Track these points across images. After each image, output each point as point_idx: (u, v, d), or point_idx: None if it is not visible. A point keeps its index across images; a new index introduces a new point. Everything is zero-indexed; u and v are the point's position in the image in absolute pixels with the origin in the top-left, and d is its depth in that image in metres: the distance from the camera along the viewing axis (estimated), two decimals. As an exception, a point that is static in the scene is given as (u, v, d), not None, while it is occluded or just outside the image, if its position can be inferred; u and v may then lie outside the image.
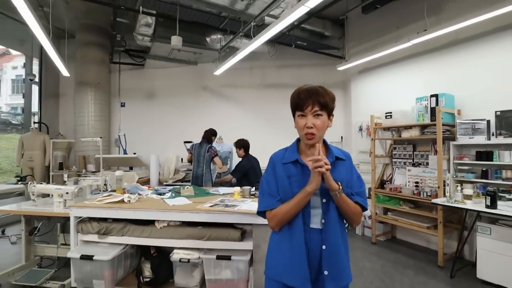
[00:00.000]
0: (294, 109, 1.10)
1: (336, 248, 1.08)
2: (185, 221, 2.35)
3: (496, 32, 2.99)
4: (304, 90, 1.07)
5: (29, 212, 2.68)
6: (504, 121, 2.82)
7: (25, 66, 6.65)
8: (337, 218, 1.09)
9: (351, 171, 1.15)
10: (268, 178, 1.14)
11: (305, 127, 1.05)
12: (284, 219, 1.08)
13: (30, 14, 2.79)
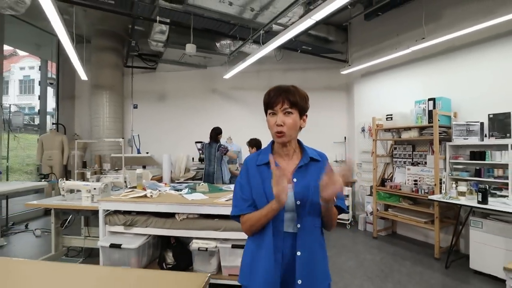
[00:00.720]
0: (265, 108, 1.08)
1: (312, 255, 1.02)
2: (203, 213, 2.61)
3: (490, 40, 3.20)
4: (274, 89, 1.06)
5: (61, 206, 2.95)
6: (496, 123, 3.03)
7: (41, 69, 6.95)
8: (314, 222, 1.04)
9: None
10: (242, 182, 1.10)
11: (275, 125, 1.02)
12: (255, 226, 1.03)
13: (61, 24, 3.05)
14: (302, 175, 1.04)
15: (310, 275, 1.00)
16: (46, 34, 5.96)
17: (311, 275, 1.01)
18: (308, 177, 1.03)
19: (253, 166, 1.08)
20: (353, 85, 5.05)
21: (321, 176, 0.94)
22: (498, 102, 3.09)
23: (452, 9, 3.54)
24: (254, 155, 1.13)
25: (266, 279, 0.99)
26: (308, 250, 1.01)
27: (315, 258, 1.03)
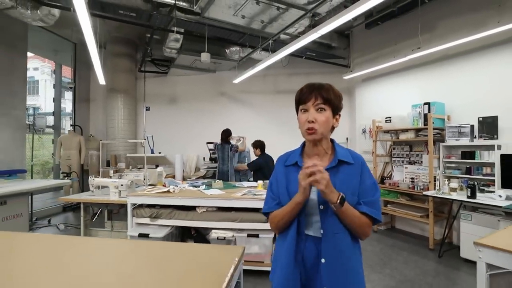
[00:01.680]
0: (297, 105, 1.05)
1: (340, 263, 0.96)
2: (221, 206, 2.93)
3: (480, 50, 3.50)
4: (307, 85, 1.03)
5: (92, 200, 3.28)
6: (485, 126, 3.34)
7: (55, 73, 7.29)
8: (341, 228, 0.97)
9: (361, 177, 1.01)
10: (272, 181, 1.12)
11: (306, 121, 0.99)
12: (280, 224, 1.03)
13: (93, 37, 3.37)
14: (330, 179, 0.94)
15: (337, 284, 0.95)
16: (64, 40, 6.30)
17: (339, 284, 0.95)
18: (335, 181, 0.96)
19: (281, 166, 1.09)
20: (355, 89, 5.36)
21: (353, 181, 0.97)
22: (487, 106, 3.39)
23: (446, 21, 3.85)
24: (286, 154, 1.13)
25: (285, 278, 0.99)
26: (334, 257, 0.95)
27: (344, 267, 0.96)
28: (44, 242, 1.53)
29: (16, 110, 4.90)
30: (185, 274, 1.07)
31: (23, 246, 1.44)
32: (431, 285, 2.68)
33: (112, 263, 1.23)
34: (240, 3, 3.25)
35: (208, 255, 1.28)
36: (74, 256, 1.28)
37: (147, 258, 1.27)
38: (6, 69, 4.72)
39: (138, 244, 1.63)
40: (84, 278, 1.04)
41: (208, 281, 0.98)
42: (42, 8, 3.70)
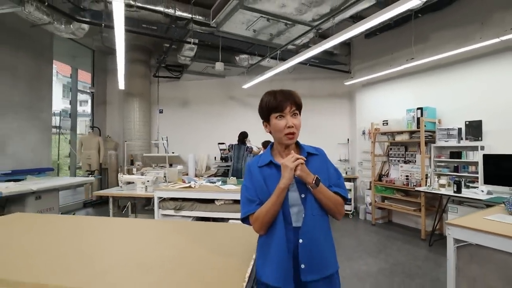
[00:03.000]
0: (268, 113, 1.11)
1: (315, 242, 1.07)
2: (237, 199, 3.34)
3: (467, 61, 3.90)
4: (279, 92, 1.11)
5: (123, 194, 3.70)
6: (470, 129, 3.74)
7: (72, 77, 7.73)
8: (318, 212, 1.09)
9: (327, 165, 1.17)
10: (247, 185, 1.16)
11: (285, 127, 1.08)
12: (265, 220, 1.07)
13: (123, 47, 3.77)
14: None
15: (313, 260, 1.06)
16: (82, 47, 6.74)
17: (314, 260, 1.06)
18: (309, 170, 1.08)
19: (255, 168, 1.15)
20: (355, 94, 5.77)
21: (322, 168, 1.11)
22: (473, 111, 3.79)
23: (437, 33, 4.24)
24: (255, 159, 1.22)
25: (281, 273, 1.05)
26: (309, 237, 1.06)
27: (319, 245, 1.08)
28: (100, 223, 1.96)
29: (43, 113, 5.34)
30: (220, 247, 1.45)
31: (84, 226, 1.87)
32: (420, 267, 3.09)
33: (161, 236, 1.65)
34: (252, 20, 3.66)
35: (237, 231, 1.70)
36: (129, 232, 1.70)
37: (188, 233, 1.69)
38: (34, 76, 5.16)
39: (177, 223, 2.05)
40: (141, 245, 1.47)
41: (240, 251, 1.36)
42: (74, 23, 4.14)
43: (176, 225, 1.95)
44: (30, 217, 2.22)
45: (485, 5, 3.65)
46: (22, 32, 4.75)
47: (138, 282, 1.06)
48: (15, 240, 1.56)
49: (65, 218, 2.19)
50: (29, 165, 4.99)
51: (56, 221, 2.04)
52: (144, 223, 1.99)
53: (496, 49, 3.50)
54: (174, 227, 1.82)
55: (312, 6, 3.23)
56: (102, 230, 1.79)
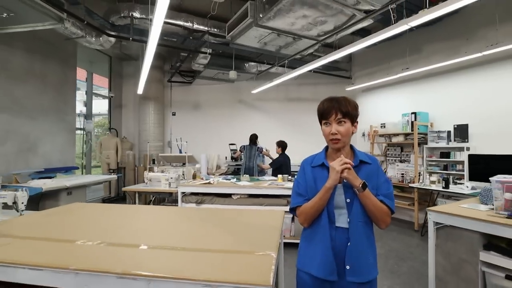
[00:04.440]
0: (320, 118, 1.21)
1: (358, 246, 1.14)
2: (251, 194, 3.81)
3: (455, 71, 4.35)
4: (327, 100, 1.20)
5: (149, 189, 4.17)
6: (458, 132, 4.19)
7: (87, 80, 8.21)
8: (362, 218, 1.15)
9: (377, 175, 1.21)
10: (299, 180, 1.28)
11: (330, 134, 1.17)
12: (309, 214, 1.18)
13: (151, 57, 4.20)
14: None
15: (357, 263, 1.14)
16: (99, 53, 7.20)
17: (358, 263, 1.14)
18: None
19: (308, 167, 1.27)
20: (356, 98, 6.22)
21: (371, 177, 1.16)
22: (461, 116, 4.25)
23: (429, 46, 4.70)
24: (311, 157, 1.31)
25: (325, 265, 1.15)
26: (356, 241, 1.14)
27: (363, 249, 1.16)
28: (135, 210, 2.43)
29: (68, 116, 5.81)
30: (247, 229, 1.90)
31: (132, 213, 2.34)
32: (412, 253, 3.55)
33: (198, 221, 2.11)
34: (264, 34, 4.12)
35: (260, 216, 2.16)
36: (162, 218, 2.17)
37: (214, 218, 2.15)
38: (60, 81, 5.62)
39: (202, 210, 2.51)
40: (173, 229, 1.93)
41: (268, 235, 1.82)
42: (104, 36, 4.61)
43: (209, 211, 2.42)
44: (86, 206, 2.69)
45: (470, 23, 4.10)
46: (51, 42, 5.22)
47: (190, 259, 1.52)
48: (84, 222, 2.03)
49: (114, 207, 2.65)
50: (56, 164, 5.46)
51: (108, 208, 2.51)
52: (182, 210, 2.46)
53: (479, 62, 3.96)
54: (208, 213, 2.29)
55: (318, 25, 3.69)
56: (146, 215, 2.25)
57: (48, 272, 1.23)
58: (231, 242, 1.50)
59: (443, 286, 2.23)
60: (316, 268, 1.18)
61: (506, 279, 1.90)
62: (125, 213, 2.26)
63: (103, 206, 2.67)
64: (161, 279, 1.12)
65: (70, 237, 1.57)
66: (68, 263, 1.23)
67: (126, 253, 1.37)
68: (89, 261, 1.25)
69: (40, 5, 3.38)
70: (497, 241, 1.99)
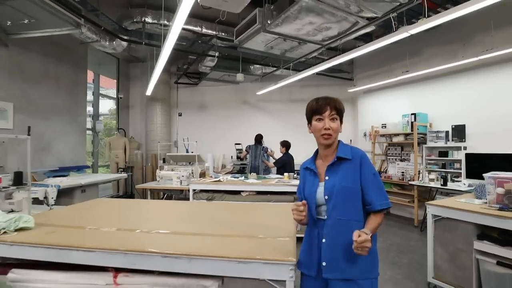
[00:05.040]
0: (311, 115, 1.25)
1: (338, 243, 1.15)
2: (259, 190, 4.01)
3: (453, 74, 4.55)
4: (322, 98, 1.24)
5: (160, 187, 4.36)
6: (456, 132, 4.40)
7: (94, 81, 8.40)
8: (344, 214, 1.17)
9: (361, 170, 1.20)
10: (299, 183, 1.39)
11: (322, 128, 1.20)
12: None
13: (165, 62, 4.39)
14: (333, 173, 1.22)
15: (334, 260, 1.16)
16: (108, 55, 7.40)
17: (335, 260, 1.15)
18: (338, 175, 1.19)
19: (302, 169, 1.37)
20: (357, 100, 6.43)
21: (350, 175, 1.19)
22: (458, 117, 4.45)
23: (428, 49, 4.91)
24: (306, 161, 1.38)
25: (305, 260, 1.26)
26: (332, 238, 1.17)
27: (344, 247, 1.14)
28: (152, 204, 2.62)
29: (80, 117, 6.01)
30: (263, 219, 2.12)
31: (152, 207, 2.53)
32: (412, 246, 3.75)
33: (212, 212, 2.32)
34: (271, 39, 4.31)
35: (272, 209, 2.37)
36: (182, 210, 2.37)
37: (230, 211, 2.35)
38: (72, 83, 5.81)
39: (217, 204, 2.71)
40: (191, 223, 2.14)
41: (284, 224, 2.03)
42: (117, 40, 4.81)
43: (223, 205, 2.62)
44: (109, 201, 2.89)
45: (467, 29, 4.30)
46: (63, 45, 5.40)
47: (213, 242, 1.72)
48: (113, 213, 2.24)
49: (135, 201, 2.85)
50: (69, 163, 5.65)
51: (130, 203, 2.71)
52: (198, 204, 2.66)
53: (476, 66, 4.16)
54: (222, 206, 2.49)
55: (323, 31, 3.89)
56: (168, 208, 2.45)
57: (99, 253, 1.43)
58: (252, 229, 1.70)
59: (441, 273, 2.43)
60: (299, 263, 1.27)
61: (497, 265, 2.10)
62: (147, 206, 2.46)
63: (125, 201, 2.86)
64: (200, 257, 1.32)
65: (107, 226, 1.77)
66: (114, 246, 1.43)
67: (163, 238, 1.58)
68: (133, 244, 1.45)
69: (60, 12, 3.58)
70: (490, 231, 2.20)
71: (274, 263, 1.24)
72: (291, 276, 1.22)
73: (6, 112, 4.44)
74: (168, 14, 4.60)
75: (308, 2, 3.11)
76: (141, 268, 1.41)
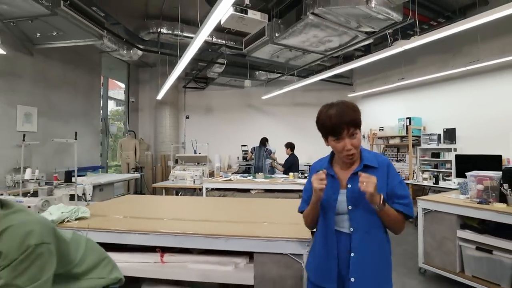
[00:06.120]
0: (326, 134, 1.10)
1: (368, 257, 1.07)
2: (268, 189, 4.37)
3: (445, 81, 4.95)
4: (335, 114, 1.06)
5: (175, 186, 4.72)
6: (447, 134, 4.79)
7: (103, 85, 8.73)
8: (369, 225, 1.08)
9: (388, 178, 1.12)
10: (307, 184, 1.27)
11: (344, 150, 1.07)
12: (308, 221, 1.23)
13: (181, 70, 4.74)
14: (356, 182, 1.06)
15: (364, 275, 1.06)
16: (119, 61, 7.74)
17: (365, 275, 1.06)
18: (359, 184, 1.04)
19: (314, 171, 1.22)
20: (357, 104, 6.76)
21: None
22: (449, 121, 4.84)
23: (422, 58, 5.31)
24: (317, 162, 1.29)
25: (322, 271, 1.14)
26: (362, 251, 1.07)
27: (372, 260, 1.07)
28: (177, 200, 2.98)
29: (94, 120, 6.36)
30: (277, 211, 2.49)
31: (182, 202, 2.89)
32: (406, 239, 4.13)
33: (229, 205, 2.68)
34: (277, 49, 4.69)
35: (283, 203, 2.73)
36: (204, 205, 2.73)
37: (247, 204, 2.72)
38: (88, 88, 6.16)
39: (232, 199, 3.08)
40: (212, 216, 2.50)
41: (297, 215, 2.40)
42: (134, 49, 5.17)
43: (238, 200, 2.99)
44: (138, 197, 3.25)
45: (456, 41, 4.68)
46: (80, 52, 5.75)
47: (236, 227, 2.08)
48: (148, 206, 2.60)
49: (161, 197, 3.21)
50: (85, 164, 6.00)
51: (156, 198, 3.07)
52: (216, 199, 3.02)
53: (465, 74, 4.56)
54: (238, 201, 2.85)
55: (326, 43, 4.27)
56: (191, 202, 2.81)
57: (153, 236, 1.80)
58: (269, 218, 2.08)
59: (430, 259, 2.81)
60: (314, 273, 1.20)
61: (476, 250, 2.48)
62: (174, 201, 2.83)
63: (152, 197, 3.23)
64: (236, 237, 1.68)
65: (150, 215, 2.13)
66: (165, 230, 1.79)
67: (200, 224, 1.94)
68: (179, 228, 1.82)
69: (86, 25, 3.94)
70: (471, 221, 2.58)
71: (294, 240, 1.61)
72: (307, 250, 1.58)
73: (31, 116, 4.79)
74: (182, 25, 4.96)
75: (313, 20, 3.49)
76: (187, 247, 1.77)
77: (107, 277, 1.16)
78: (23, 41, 4.35)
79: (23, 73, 4.58)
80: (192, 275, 1.74)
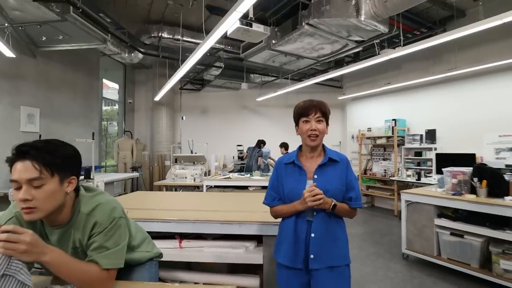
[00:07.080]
0: (298, 117, 1.32)
1: (325, 237, 1.27)
2: (264, 185, 4.66)
3: (426, 86, 5.37)
4: (308, 101, 1.32)
5: (176, 183, 4.95)
6: (428, 135, 5.21)
7: (99, 86, 8.81)
8: (328, 213, 1.28)
9: (347, 173, 1.32)
10: (273, 180, 1.41)
11: (309, 130, 1.27)
12: (279, 215, 1.39)
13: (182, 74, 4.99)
14: (322, 173, 1.29)
15: (320, 252, 1.25)
16: (115, 62, 7.86)
17: (322, 252, 1.26)
18: (326, 175, 1.28)
19: (281, 166, 1.39)
20: (346, 106, 7.21)
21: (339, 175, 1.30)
22: (430, 122, 5.27)
23: (407, 64, 5.72)
24: (283, 157, 1.43)
25: (290, 254, 1.30)
26: (320, 232, 1.27)
27: (329, 240, 1.27)
28: (181, 195, 3.25)
29: (93, 121, 6.49)
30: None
31: (168, 198, 3.15)
32: (391, 230, 4.51)
33: (225, 198, 2.97)
34: (273, 55, 5.00)
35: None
36: (208, 199, 3.01)
37: (246, 198, 3.01)
38: (86, 90, 6.29)
39: (233, 193, 3.36)
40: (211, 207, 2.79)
41: None
42: (135, 52, 5.36)
43: (238, 194, 3.27)
44: (147, 193, 3.48)
45: (436, 49, 5.07)
46: (79, 54, 5.88)
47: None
48: (161, 201, 2.85)
49: (167, 193, 3.45)
50: (85, 163, 6.12)
51: (164, 194, 3.32)
52: (218, 193, 3.30)
53: (444, 80, 4.99)
54: (238, 195, 3.14)
55: (318, 50, 4.60)
56: (195, 196, 3.08)
57: (173, 224, 2.05)
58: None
59: (411, 245, 3.17)
60: (282, 257, 1.33)
61: (451, 235, 2.85)
62: (181, 196, 3.07)
63: (159, 193, 3.46)
64: (247, 222, 1.97)
65: (167, 207, 2.38)
66: (184, 218, 2.05)
67: (213, 213, 2.21)
68: (196, 217, 2.08)
69: (92, 30, 4.13)
70: (446, 211, 2.95)
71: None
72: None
73: (34, 117, 4.92)
74: (183, 30, 5.20)
75: (308, 30, 3.81)
76: (205, 232, 2.04)
77: (151, 251, 1.42)
78: (27, 43, 4.48)
79: (26, 75, 4.71)
80: (207, 258, 2.01)
